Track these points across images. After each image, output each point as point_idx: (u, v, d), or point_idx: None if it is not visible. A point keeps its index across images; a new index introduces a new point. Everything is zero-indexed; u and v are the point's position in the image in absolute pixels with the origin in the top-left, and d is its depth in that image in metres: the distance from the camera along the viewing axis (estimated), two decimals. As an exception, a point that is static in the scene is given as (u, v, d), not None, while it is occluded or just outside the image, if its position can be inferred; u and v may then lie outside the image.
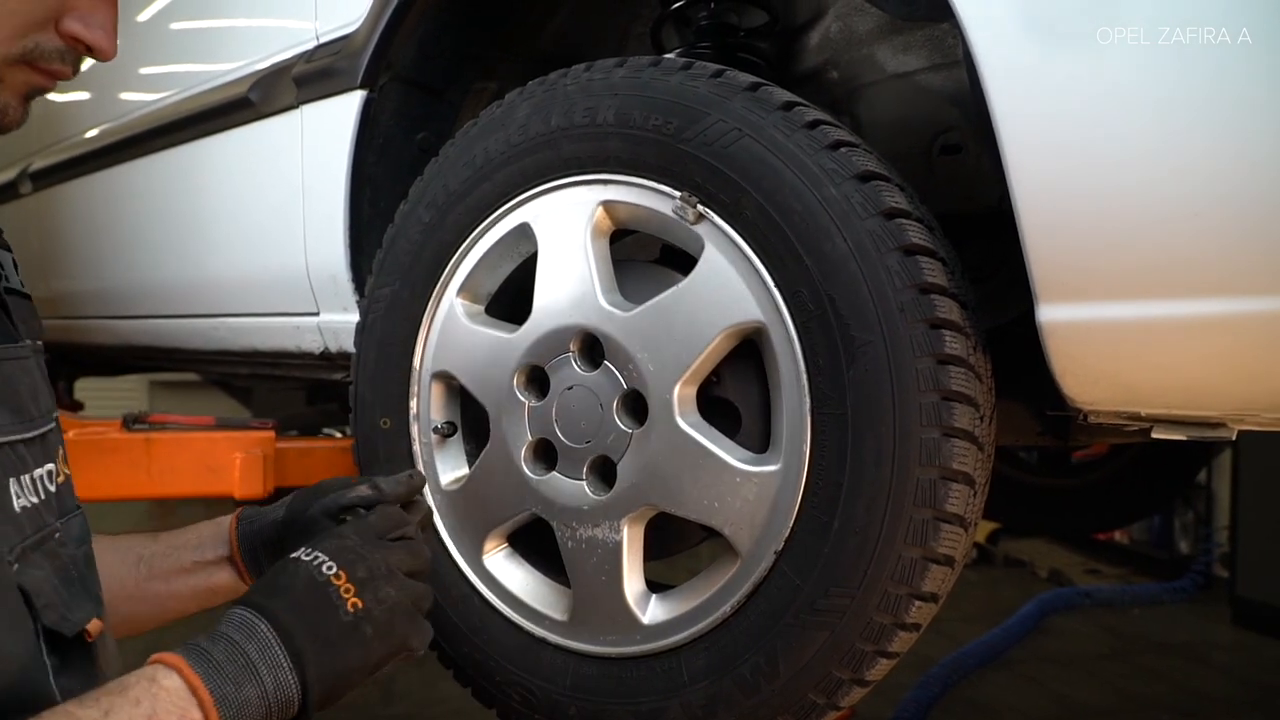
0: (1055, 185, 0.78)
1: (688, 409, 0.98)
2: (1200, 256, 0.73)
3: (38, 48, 0.76)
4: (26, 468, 0.76)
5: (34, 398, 0.80)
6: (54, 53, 0.77)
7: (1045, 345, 0.82)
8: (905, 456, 0.85)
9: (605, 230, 1.06)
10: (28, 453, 0.77)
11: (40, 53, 0.76)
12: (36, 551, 0.75)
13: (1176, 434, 0.83)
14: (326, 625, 0.73)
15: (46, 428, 0.81)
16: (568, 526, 1.04)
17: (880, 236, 0.87)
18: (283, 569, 0.77)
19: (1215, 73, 0.70)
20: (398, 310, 1.19)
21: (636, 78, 1.01)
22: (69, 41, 0.77)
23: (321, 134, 1.48)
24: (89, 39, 0.77)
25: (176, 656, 0.68)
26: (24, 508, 0.74)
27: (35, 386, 0.81)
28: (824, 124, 0.93)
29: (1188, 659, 3.68)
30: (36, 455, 0.78)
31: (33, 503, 0.76)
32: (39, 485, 0.77)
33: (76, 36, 0.77)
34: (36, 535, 0.75)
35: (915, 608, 0.88)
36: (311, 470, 1.83)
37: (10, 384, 0.77)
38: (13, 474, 0.74)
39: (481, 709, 1.18)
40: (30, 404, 0.79)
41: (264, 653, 0.70)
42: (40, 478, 0.78)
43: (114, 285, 2.15)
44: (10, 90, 0.77)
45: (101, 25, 0.78)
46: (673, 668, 0.98)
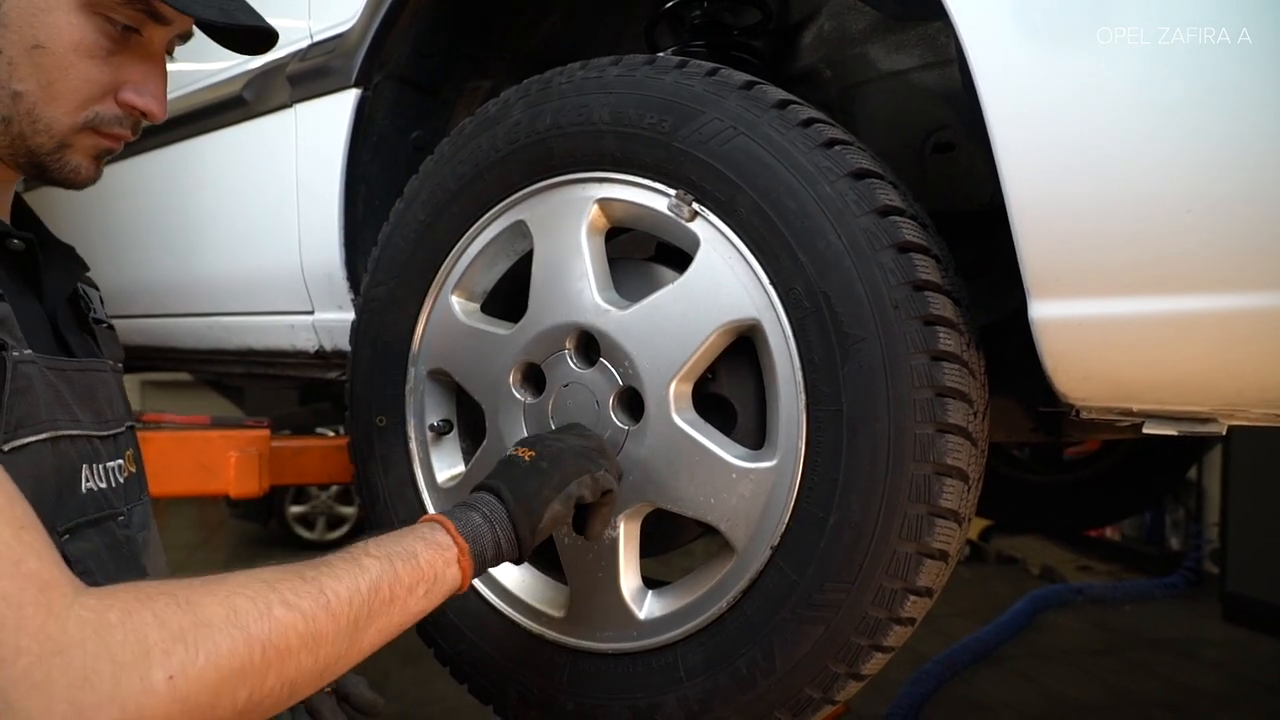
0: (1047, 182, 0.79)
1: (683, 406, 0.98)
2: (1192, 253, 0.73)
3: (98, 116, 0.87)
4: (100, 458, 0.88)
5: (110, 404, 0.94)
6: (113, 120, 0.88)
7: (1037, 341, 0.83)
8: (900, 452, 0.86)
9: (600, 228, 1.06)
10: (102, 447, 0.89)
11: (101, 120, 0.87)
12: (93, 528, 0.85)
13: (1168, 429, 0.84)
14: (512, 471, 0.93)
15: (119, 430, 0.94)
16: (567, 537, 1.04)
17: (874, 234, 0.88)
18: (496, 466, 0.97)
19: (1211, 71, 0.71)
20: (393, 308, 1.20)
21: (631, 76, 1.02)
22: (126, 109, 0.88)
23: (316, 132, 1.48)
24: (142, 106, 0.89)
25: (437, 514, 0.88)
26: (90, 490, 0.85)
27: (112, 396, 0.95)
28: (818, 122, 0.94)
29: (1178, 654, 3.70)
30: (109, 450, 0.90)
31: (100, 487, 0.87)
32: (110, 474, 0.89)
33: (132, 105, 0.88)
34: (97, 514, 0.86)
35: (910, 602, 0.89)
36: (306, 469, 1.83)
37: (91, 391, 0.90)
38: (86, 461, 0.85)
39: (476, 706, 1.18)
40: (107, 409, 0.92)
41: (478, 499, 0.91)
42: (112, 469, 0.90)
43: (108, 284, 2.14)
44: (80, 153, 0.88)
45: (153, 94, 0.89)
46: (669, 663, 0.99)
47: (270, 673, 0.65)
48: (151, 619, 0.60)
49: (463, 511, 0.88)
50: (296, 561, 0.74)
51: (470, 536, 0.85)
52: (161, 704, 0.59)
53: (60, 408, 0.82)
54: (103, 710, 0.57)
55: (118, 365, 1.02)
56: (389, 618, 0.76)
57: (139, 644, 0.59)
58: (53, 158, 0.87)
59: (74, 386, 0.86)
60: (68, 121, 0.85)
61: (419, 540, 0.82)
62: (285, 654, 0.66)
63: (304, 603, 0.69)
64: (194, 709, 0.61)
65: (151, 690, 0.59)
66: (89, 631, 0.58)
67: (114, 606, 0.60)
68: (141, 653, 0.59)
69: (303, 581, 0.70)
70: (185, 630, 0.61)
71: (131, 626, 0.59)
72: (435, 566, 0.81)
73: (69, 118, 0.85)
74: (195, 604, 0.63)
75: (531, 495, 0.90)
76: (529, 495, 0.90)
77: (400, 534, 0.83)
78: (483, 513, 0.88)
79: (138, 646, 0.59)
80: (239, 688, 0.63)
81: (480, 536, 0.87)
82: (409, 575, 0.78)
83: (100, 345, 1.00)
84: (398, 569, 0.78)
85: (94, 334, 1.00)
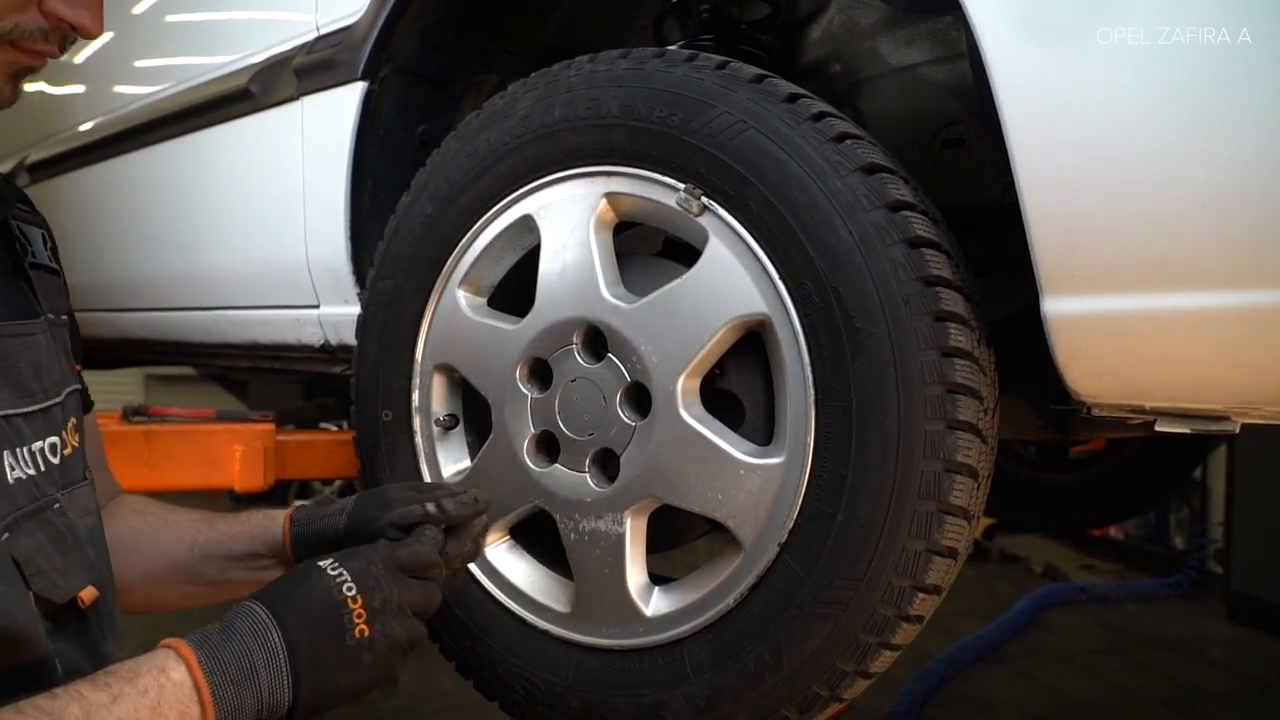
0: (1061, 178, 0.78)
1: (691, 401, 0.98)
2: (1206, 249, 0.73)
3: (18, 28, 0.75)
4: (24, 441, 0.79)
5: (36, 373, 0.82)
6: (36, 32, 0.76)
7: (1050, 338, 0.82)
8: (909, 449, 0.85)
9: (609, 222, 1.06)
10: (26, 426, 0.79)
11: (21, 32, 0.76)
12: (30, 521, 0.77)
13: (1180, 427, 0.83)
14: (332, 646, 0.75)
15: (50, 402, 0.83)
16: (570, 519, 1.04)
17: (885, 229, 0.87)
18: (306, 576, 0.79)
19: (1226, 65, 0.70)
20: (399, 303, 1.19)
21: (641, 69, 1.01)
22: (53, 21, 0.77)
23: (322, 126, 1.47)
24: (71, 18, 0.77)
25: (189, 649, 0.70)
26: (18, 479, 0.77)
27: (38, 363, 0.83)
28: (829, 116, 0.93)
29: (1182, 654, 3.70)
30: (37, 429, 0.81)
31: (29, 474, 0.78)
32: (38, 458, 0.80)
33: (60, 16, 0.76)
34: (31, 505, 0.78)
35: (919, 600, 0.88)
36: (311, 463, 1.83)
37: (10, 360, 0.79)
38: (7, 447, 0.77)
39: (480, 702, 1.18)
40: (32, 379, 0.81)
41: (269, 661, 0.72)
42: (40, 450, 0.80)
43: (112, 278, 2.15)
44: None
45: (85, 4, 0.78)
46: (676, 660, 0.99)
47: None
48: None
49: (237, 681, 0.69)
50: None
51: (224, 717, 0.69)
52: None
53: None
54: None
55: (60, 318, 0.90)
56: None
57: None
58: None
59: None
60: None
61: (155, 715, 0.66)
62: None
63: None
64: None
65: None
66: None
67: None
68: None
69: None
70: None
71: None
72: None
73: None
74: None
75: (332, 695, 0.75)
76: (331, 695, 0.74)
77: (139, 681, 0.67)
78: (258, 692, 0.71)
79: None
80: None
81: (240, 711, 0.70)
82: None
83: (39, 296, 0.87)
84: None
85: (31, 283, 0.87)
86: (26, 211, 0.94)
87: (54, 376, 0.85)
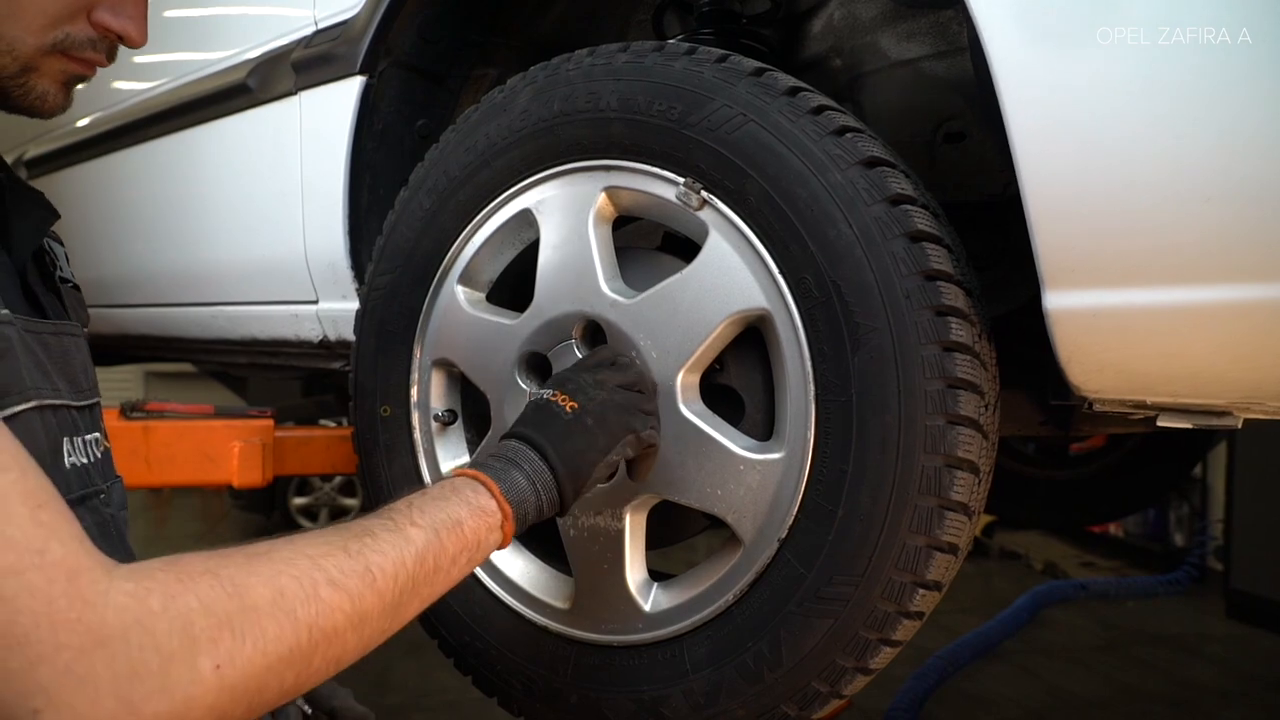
0: (1064, 172, 0.77)
1: (691, 396, 0.97)
2: (1209, 243, 0.72)
3: (69, 38, 0.79)
4: (79, 431, 0.82)
5: (85, 372, 0.87)
6: (85, 42, 0.81)
7: (1051, 332, 0.82)
8: (910, 444, 0.85)
9: (608, 217, 1.05)
10: (79, 419, 0.83)
11: (72, 42, 0.80)
12: (81, 506, 0.80)
13: (1182, 422, 0.83)
14: (555, 425, 0.89)
15: (94, 400, 0.88)
16: (569, 514, 1.04)
17: (886, 222, 0.87)
18: (526, 409, 0.94)
19: (1230, 58, 0.69)
20: (398, 298, 1.19)
21: (640, 62, 1.01)
22: (100, 31, 0.81)
23: (320, 120, 1.47)
24: (118, 28, 0.81)
25: (478, 472, 0.84)
26: (74, 465, 0.80)
27: (85, 363, 0.88)
28: (829, 109, 0.93)
29: (1181, 651, 3.70)
30: (86, 423, 0.85)
31: (83, 463, 0.82)
32: (89, 448, 0.84)
33: (107, 26, 0.81)
34: (82, 491, 0.81)
35: (919, 596, 0.88)
36: (309, 459, 1.82)
37: (67, 356, 0.84)
38: (67, 434, 0.80)
39: (479, 698, 1.17)
40: (82, 377, 0.86)
41: (519, 454, 0.87)
42: (90, 442, 0.85)
43: (110, 274, 2.14)
44: (48, 78, 0.81)
45: (130, 15, 0.82)
46: (675, 656, 0.98)
47: (316, 654, 0.63)
48: (196, 604, 0.58)
49: (504, 469, 0.85)
50: (338, 527, 0.72)
51: (515, 500, 0.83)
52: (210, 694, 0.57)
53: (40, 374, 0.76)
54: (151, 702, 0.55)
55: (84, 329, 0.95)
56: (432, 588, 0.75)
57: (184, 632, 0.56)
58: (16, 82, 0.79)
59: (49, 351, 0.80)
60: (34, 42, 0.78)
61: (463, 505, 0.79)
62: (332, 635, 0.64)
63: (350, 581, 0.66)
64: (241, 696, 0.59)
65: (199, 680, 0.56)
66: (130, 620, 0.55)
67: (154, 590, 0.57)
68: (188, 641, 0.56)
69: (348, 557, 0.67)
70: (231, 616, 0.59)
71: (175, 613, 0.57)
72: (479, 534, 0.79)
73: (35, 38, 0.77)
74: (240, 586, 0.60)
75: (577, 456, 0.88)
76: (574, 456, 0.87)
77: (442, 494, 0.79)
78: (526, 472, 0.85)
79: (183, 635, 0.56)
80: (285, 672, 0.61)
81: (524, 500, 0.84)
82: (454, 545, 0.76)
83: (67, 307, 0.91)
84: (443, 540, 0.75)
85: (59, 294, 0.91)
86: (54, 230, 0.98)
87: (92, 380, 0.89)
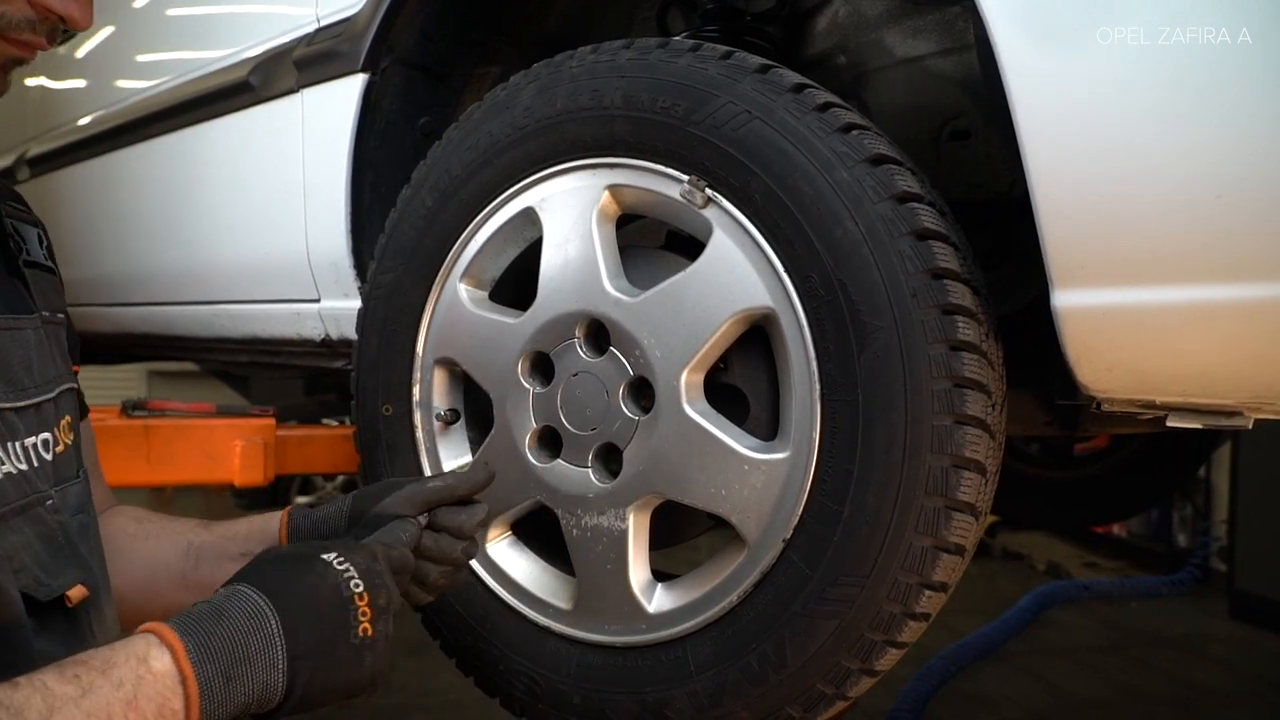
0: (1073, 170, 0.77)
1: (695, 396, 0.97)
2: (1220, 241, 0.71)
3: (5, 18, 0.75)
4: (16, 435, 0.78)
5: (27, 369, 0.82)
6: (23, 23, 0.76)
7: (1060, 332, 0.81)
8: (917, 444, 0.84)
9: (611, 215, 1.04)
10: (19, 421, 0.78)
11: (8, 23, 0.75)
12: (19, 517, 0.76)
13: (1192, 423, 0.82)
14: (334, 644, 0.70)
15: (42, 398, 0.82)
16: (572, 514, 1.03)
17: (892, 221, 0.86)
18: (308, 565, 0.73)
19: (1240, 56, 0.69)
20: (400, 296, 1.18)
21: (644, 59, 1.00)
22: (41, 12, 0.76)
23: (323, 118, 1.46)
24: (59, 9, 0.76)
25: (173, 634, 0.65)
26: (8, 474, 0.76)
27: (29, 358, 0.82)
28: (835, 107, 0.92)
29: (1185, 652, 3.69)
30: (30, 424, 0.80)
31: (20, 469, 0.77)
32: (30, 453, 0.79)
33: (48, 7, 0.76)
34: (21, 501, 0.77)
35: (925, 597, 0.87)
36: (312, 458, 1.82)
37: (2, 354, 0.79)
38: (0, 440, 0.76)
39: (480, 699, 1.17)
40: (24, 375, 0.81)
41: (264, 651, 0.67)
42: (33, 445, 0.79)
43: (112, 272, 2.14)
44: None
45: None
46: (679, 657, 0.98)
47: None
48: None
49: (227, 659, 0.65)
50: None
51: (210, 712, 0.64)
52: None
53: None
54: None
55: (55, 316, 0.90)
56: None
57: None
58: None
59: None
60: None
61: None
62: None
63: None
64: None
65: None
66: None
67: None
68: None
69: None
70: None
71: None
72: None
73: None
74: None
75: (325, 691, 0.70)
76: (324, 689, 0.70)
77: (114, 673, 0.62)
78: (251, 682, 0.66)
79: None
80: None
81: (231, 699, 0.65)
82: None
83: (33, 293, 0.86)
84: None
85: (25, 280, 0.87)
86: (21, 210, 0.93)
87: (47, 373, 0.84)
